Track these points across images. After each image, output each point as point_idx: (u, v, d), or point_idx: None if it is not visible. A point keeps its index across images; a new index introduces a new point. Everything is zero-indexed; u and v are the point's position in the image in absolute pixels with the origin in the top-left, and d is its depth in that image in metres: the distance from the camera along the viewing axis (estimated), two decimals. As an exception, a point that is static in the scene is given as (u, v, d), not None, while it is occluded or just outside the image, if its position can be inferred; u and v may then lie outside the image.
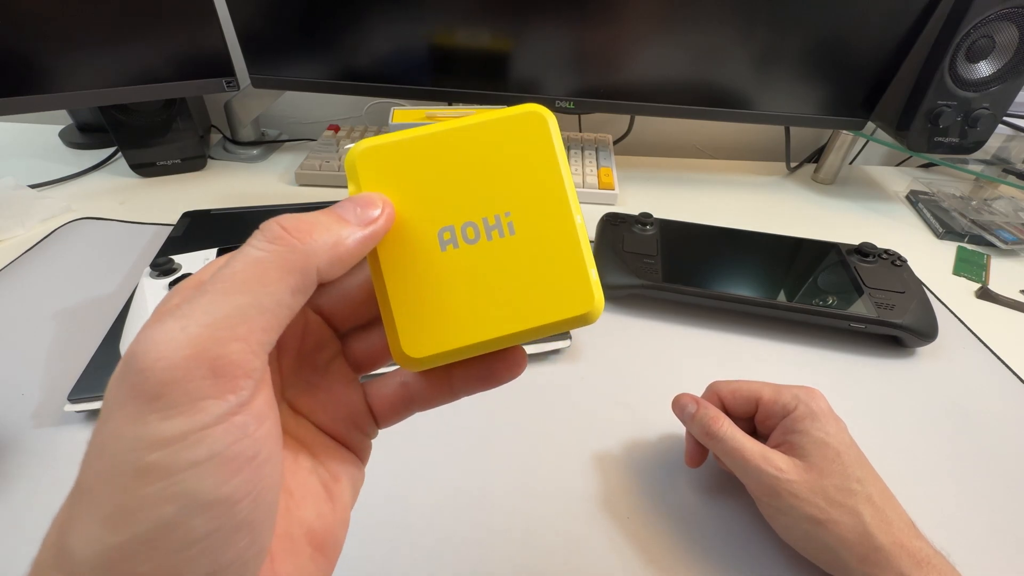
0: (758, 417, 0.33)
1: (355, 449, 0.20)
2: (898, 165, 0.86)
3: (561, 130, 0.68)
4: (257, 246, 0.14)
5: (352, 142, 0.70)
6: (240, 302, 0.13)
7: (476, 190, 0.17)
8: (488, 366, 0.18)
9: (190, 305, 0.13)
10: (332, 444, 0.19)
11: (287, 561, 0.16)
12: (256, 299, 0.13)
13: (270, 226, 0.15)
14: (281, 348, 0.18)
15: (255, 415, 0.13)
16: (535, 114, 0.17)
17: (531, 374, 0.42)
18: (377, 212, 0.16)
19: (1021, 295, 0.55)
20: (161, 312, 0.14)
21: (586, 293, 0.17)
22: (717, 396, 0.34)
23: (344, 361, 0.20)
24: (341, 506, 0.18)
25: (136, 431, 0.12)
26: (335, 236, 0.15)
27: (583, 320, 0.17)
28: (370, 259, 0.17)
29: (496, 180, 0.17)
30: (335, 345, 0.20)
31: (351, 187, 0.17)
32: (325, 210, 0.16)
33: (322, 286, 0.17)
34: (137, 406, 0.12)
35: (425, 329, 0.17)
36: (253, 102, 0.72)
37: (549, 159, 0.17)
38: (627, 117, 0.79)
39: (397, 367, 0.18)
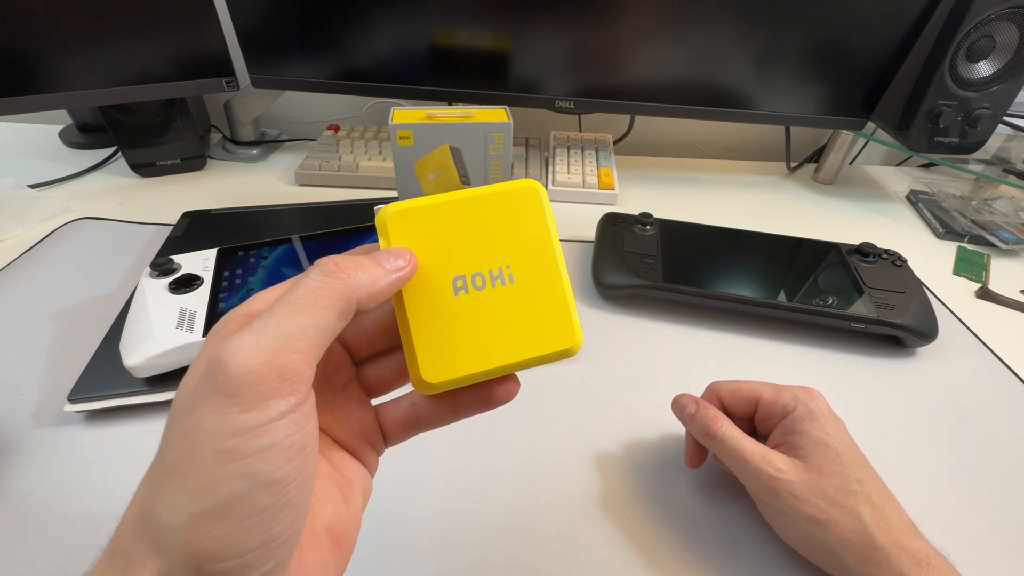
0: (758, 417, 0.33)
1: (365, 462, 0.23)
2: (898, 165, 0.86)
3: (561, 130, 0.67)
4: (315, 278, 0.18)
5: (352, 142, 0.71)
6: (302, 322, 0.16)
7: (483, 247, 0.21)
8: (488, 391, 0.22)
9: (262, 322, 0.16)
10: (346, 455, 0.22)
11: (311, 553, 0.19)
12: (313, 320, 0.17)
13: (325, 263, 0.18)
14: None
15: (306, 414, 0.17)
16: (531, 189, 0.21)
17: (531, 374, 0.42)
18: (404, 262, 0.20)
19: (1021, 295, 0.55)
20: (232, 324, 0.18)
21: (569, 332, 0.21)
22: (716, 396, 0.34)
23: (358, 385, 0.23)
24: (354, 509, 0.21)
25: (218, 421, 0.15)
26: (374, 275, 0.18)
27: (566, 353, 0.21)
28: (395, 301, 0.20)
29: (499, 239, 0.21)
30: (351, 370, 0.23)
31: (382, 241, 0.21)
32: (367, 256, 0.19)
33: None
34: (220, 401, 0.15)
35: (440, 359, 0.20)
36: (253, 102, 0.72)
37: (541, 224, 0.21)
38: (627, 117, 0.79)
39: (406, 392, 0.23)
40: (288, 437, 0.16)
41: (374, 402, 0.24)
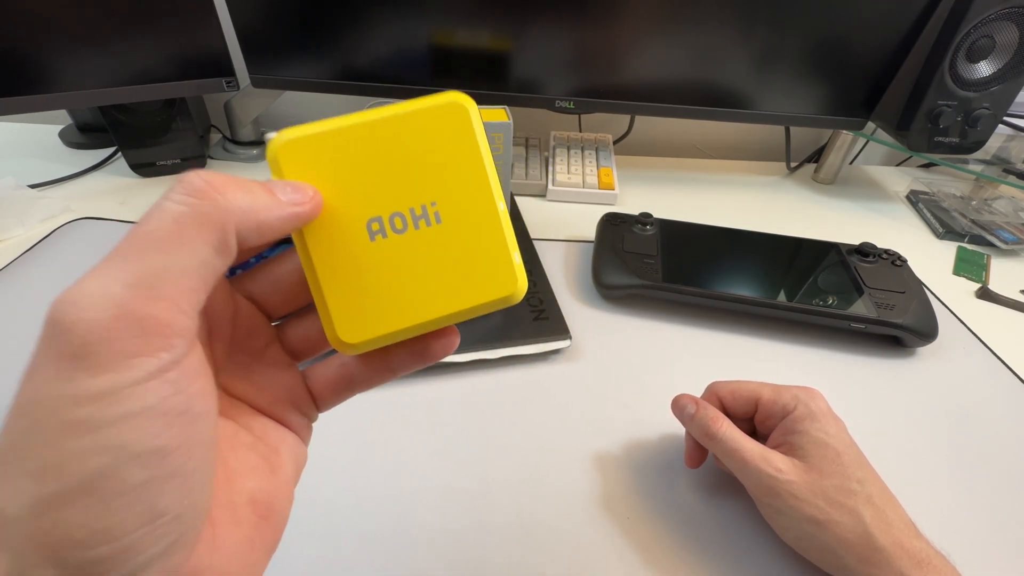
0: (758, 417, 0.33)
1: (295, 429, 0.20)
2: (898, 165, 0.86)
3: (561, 130, 0.67)
4: (176, 200, 0.14)
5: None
6: (164, 261, 0.13)
7: (402, 180, 0.17)
8: (423, 345, 0.19)
9: (109, 263, 0.13)
10: (271, 423, 0.20)
11: (230, 529, 0.16)
12: (179, 258, 0.14)
13: (191, 178, 0.14)
14: (212, 334, 0.18)
15: (188, 372, 0.14)
16: (456, 104, 0.17)
17: (531, 374, 0.42)
18: (304, 198, 0.16)
19: (1021, 295, 0.55)
20: (84, 276, 0.14)
21: (509, 276, 0.18)
22: (716, 397, 0.34)
23: (280, 347, 0.20)
24: (283, 479, 0.19)
25: (62, 389, 0.12)
26: (260, 201, 0.15)
27: (507, 301, 0.18)
28: (300, 251, 0.17)
29: (421, 170, 0.17)
30: (269, 331, 0.20)
31: (274, 177, 0.17)
32: (256, 181, 0.16)
33: (253, 273, 0.19)
34: (62, 364, 0.12)
35: (359, 316, 0.17)
36: (253, 102, 0.72)
37: (471, 148, 0.18)
38: (627, 117, 0.79)
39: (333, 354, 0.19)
40: (164, 400, 0.13)
41: (302, 365, 0.21)
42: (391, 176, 0.17)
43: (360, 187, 0.17)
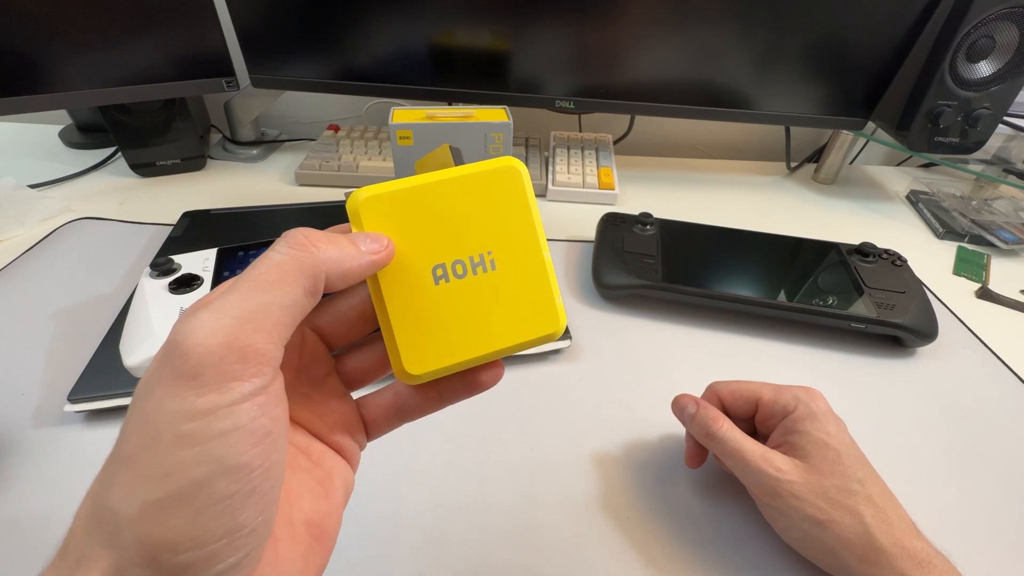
0: (758, 418, 0.33)
1: (346, 457, 0.22)
2: (898, 165, 0.86)
3: (561, 130, 0.67)
4: (280, 251, 0.17)
5: (352, 142, 0.71)
6: (265, 299, 0.16)
7: (463, 233, 0.20)
8: (473, 377, 0.21)
9: (222, 300, 0.15)
10: (326, 450, 0.21)
11: (289, 547, 0.18)
12: (277, 297, 0.16)
13: (293, 234, 0.17)
14: (283, 363, 0.20)
15: (272, 397, 0.16)
16: (512, 168, 0.20)
17: (531, 374, 0.42)
18: (380, 247, 0.19)
19: (1021, 295, 0.55)
20: (196, 306, 0.16)
21: (553, 316, 0.21)
22: (717, 397, 0.34)
23: (337, 377, 0.22)
24: (335, 503, 0.20)
25: (175, 405, 0.14)
26: (345, 252, 0.18)
27: (550, 338, 0.21)
28: (373, 292, 0.20)
29: (479, 224, 0.20)
30: (329, 362, 0.22)
31: (354, 228, 0.19)
32: (342, 233, 0.18)
33: (321, 305, 0.21)
34: (177, 384, 0.14)
35: (423, 350, 0.20)
36: (253, 102, 0.72)
37: (523, 206, 0.20)
38: (627, 117, 0.79)
39: (386, 384, 0.22)
40: (253, 421, 0.15)
41: (355, 395, 0.23)
42: (454, 228, 0.20)
43: (427, 237, 0.20)
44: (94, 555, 0.14)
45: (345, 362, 0.23)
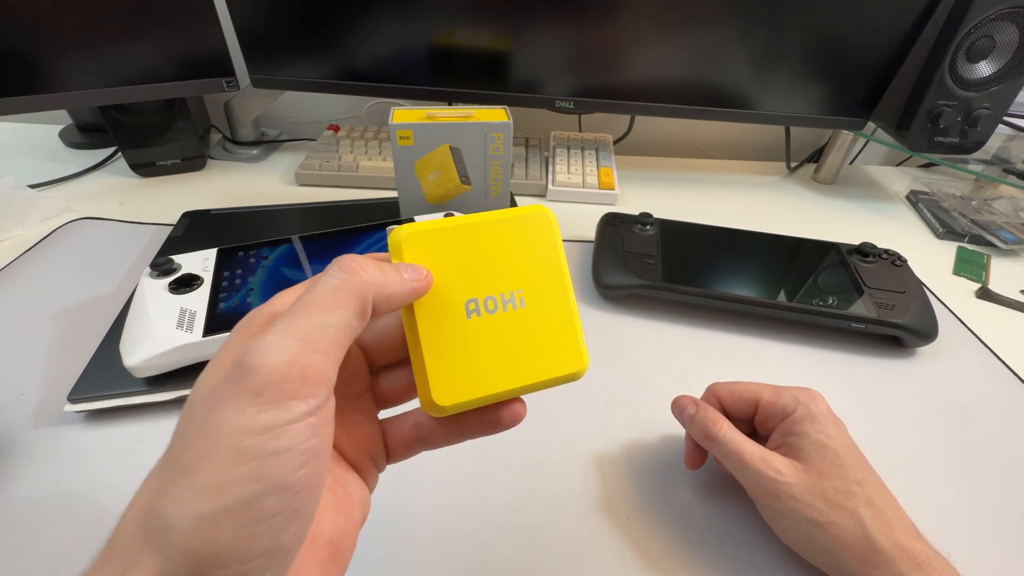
0: (757, 419, 0.33)
1: (366, 478, 0.23)
2: (898, 165, 0.85)
3: (561, 130, 0.67)
4: (334, 275, 0.18)
5: (352, 142, 0.71)
6: (323, 321, 0.16)
7: (495, 271, 0.21)
8: (494, 415, 0.22)
9: (285, 321, 0.16)
10: (349, 470, 0.22)
11: (312, 564, 0.18)
12: (333, 319, 0.17)
13: (344, 260, 0.18)
14: None
15: (324, 419, 0.16)
16: (543, 215, 0.22)
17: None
18: (421, 277, 0.20)
19: (1021, 295, 0.55)
20: (257, 324, 0.18)
21: (577, 356, 0.22)
22: (716, 398, 0.34)
23: (371, 398, 0.23)
24: (352, 524, 0.21)
25: (238, 420, 0.15)
26: (391, 278, 0.19)
27: (574, 376, 0.22)
28: (408, 324, 0.20)
29: (511, 263, 0.21)
30: (367, 380, 0.23)
31: (394, 260, 0.21)
32: (387, 262, 0.20)
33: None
34: (242, 399, 0.15)
35: (452, 382, 0.20)
36: (253, 102, 0.72)
37: (552, 249, 0.22)
38: (627, 117, 0.79)
39: (411, 409, 0.23)
40: (305, 441, 0.15)
41: (381, 415, 0.24)
42: (487, 266, 0.21)
43: (462, 274, 0.21)
44: (141, 562, 0.15)
45: (380, 381, 0.23)
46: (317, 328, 0.16)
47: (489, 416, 0.22)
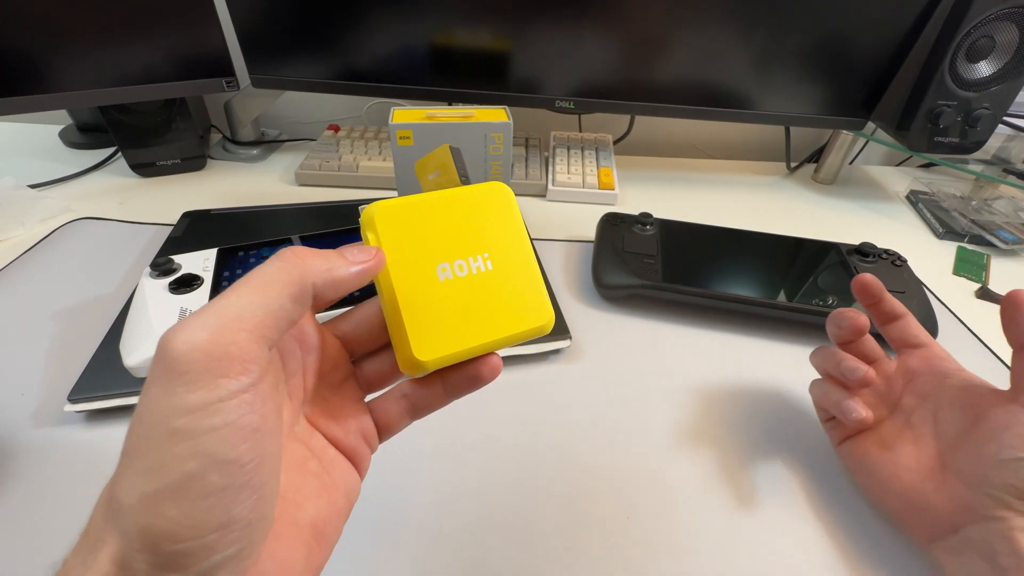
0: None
1: (357, 462, 0.23)
2: (898, 165, 0.86)
3: (561, 130, 0.67)
4: (270, 263, 0.18)
5: (352, 142, 0.71)
6: (250, 301, 0.17)
7: (462, 238, 0.23)
8: (474, 370, 0.23)
9: (210, 304, 0.17)
10: (338, 457, 0.23)
11: (293, 546, 0.19)
12: (263, 300, 0.17)
13: (283, 252, 0.19)
14: (306, 367, 0.22)
15: (260, 395, 0.17)
16: (501, 188, 0.24)
17: (531, 374, 0.42)
18: (370, 256, 0.21)
19: (1021, 295, 0.55)
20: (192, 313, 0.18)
21: (544, 311, 0.24)
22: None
23: (355, 384, 0.24)
24: (336, 509, 0.21)
25: (168, 401, 0.15)
26: (332, 264, 0.19)
27: (543, 329, 0.24)
28: (386, 291, 0.22)
29: (476, 231, 0.23)
30: (348, 368, 0.24)
31: (369, 236, 0.22)
32: (331, 250, 0.20)
33: (345, 314, 0.24)
34: (168, 381, 0.15)
35: (430, 339, 0.22)
36: (253, 102, 0.72)
37: (513, 218, 0.24)
38: (627, 117, 0.79)
39: (394, 386, 0.25)
40: (242, 417, 0.16)
41: (368, 399, 0.25)
42: (455, 234, 0.23)
43: (432, 241, 0.22)
44: (105, 540, 0.16)
45: (363, 366, 0.24)
46: (244, 308, 0.17)
47: (469, 371, 0.23)
